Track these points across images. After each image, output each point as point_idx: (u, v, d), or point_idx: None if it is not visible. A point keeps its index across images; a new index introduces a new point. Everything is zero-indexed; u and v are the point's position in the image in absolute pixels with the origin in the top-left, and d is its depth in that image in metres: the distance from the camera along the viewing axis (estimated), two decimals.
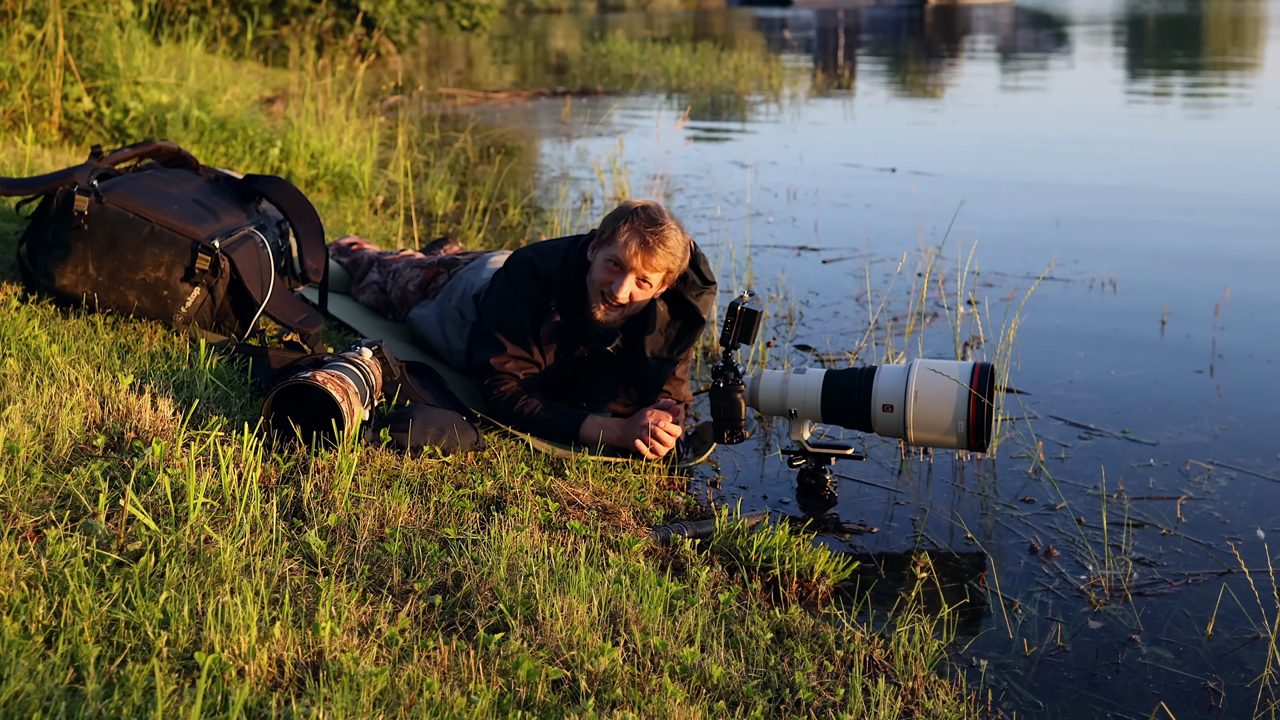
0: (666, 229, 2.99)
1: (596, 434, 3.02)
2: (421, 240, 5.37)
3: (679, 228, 3.04)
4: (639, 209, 3.02)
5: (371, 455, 2.63)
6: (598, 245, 3.06)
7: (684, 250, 3.04)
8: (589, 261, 3.09)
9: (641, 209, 3.02)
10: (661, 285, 3.07)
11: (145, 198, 3.10)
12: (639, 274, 3.00)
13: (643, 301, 3.07)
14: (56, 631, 1.73)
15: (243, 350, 3.01)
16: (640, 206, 3.03)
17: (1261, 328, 4.52)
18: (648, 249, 2.97)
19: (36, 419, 2.38)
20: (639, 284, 3.02)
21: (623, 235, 2.99)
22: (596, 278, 3.04)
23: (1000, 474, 3.22)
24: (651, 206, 3.03)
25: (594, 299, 3.05)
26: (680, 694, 1.89)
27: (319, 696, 1.67)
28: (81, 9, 6.36)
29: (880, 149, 9.30)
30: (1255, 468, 3.24)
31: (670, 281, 3.08)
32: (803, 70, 16.68)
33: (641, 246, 2.97)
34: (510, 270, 3.16)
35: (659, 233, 2.97)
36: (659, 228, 2.98)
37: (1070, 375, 3.98)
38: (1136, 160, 8.72)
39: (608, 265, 3.02)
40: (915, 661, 2.21)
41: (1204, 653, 2.38)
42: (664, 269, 3.01)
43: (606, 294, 3.02)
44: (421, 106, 10.93)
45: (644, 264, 2.98)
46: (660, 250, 2.98)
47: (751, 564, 2.55)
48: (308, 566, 2.08)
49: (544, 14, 39.07)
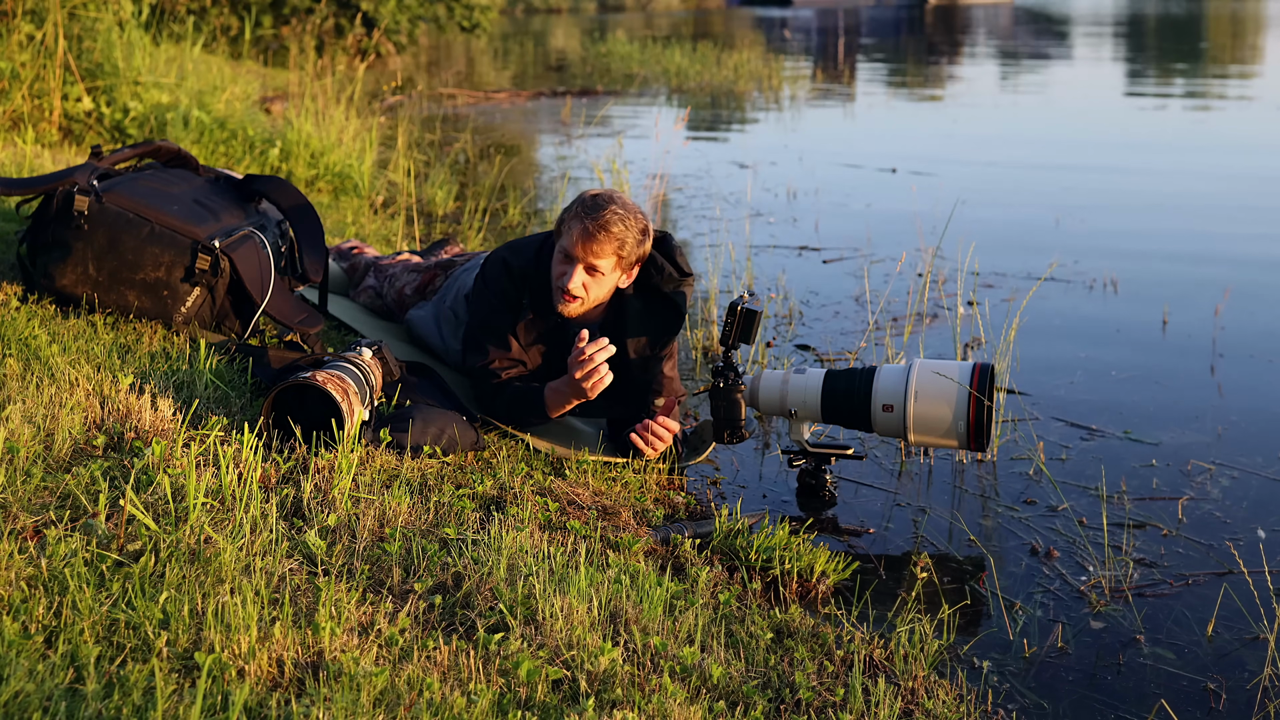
0: (609, 213, 2.91)
1: (558, 404, 2.98)
2: (422, 241, 5.37)
3: (628, 211, 2.95)
4: (588, 198, 2.97)
5: (371, 455, 2.63)
6: (556, 239, 3.05)
7: (636, 234, 2.96)
8: None
9: (591, 197, 2.96)
10: (620, 272, 3.00)
11: (145, 198, 3.10)
12: (585, 262, 2.94)
13: (605, 291, 3.02)
14: (56, 631, 1.73)
15: (243, 350, 3.01)
16: (591, 195, 2.98)
17: (1262, 327, 4.52)
18: (588, 236, 2.91)
19: (36, 419, 2.38)
20: (589, 272, 2.96)
21: (567, 224, 2.96)
22: (554, 272, 3.02)
23: (1001, 475, 3.21)
24: (602, 194, 2.97)
25: (555, 296, 3.03)
26: (680, 694, 1.89)
27: (319, 696, 1.67)
28: (81, 9, 6.36)
29: (880, 149, 9.30)
30: (1257, 467, 3.24)
31: (628, 267, 3.01)
32: (803, 70, 16.68)
33: (582, 234, 2.92)
34: (485, 271, 3.14)
35: (599, 218, 2.91)
36: (600, 213, 2.91)
37: (1071, 375, 3.98)
38: (1137, 160, 8.72)
39: (559, 256, 2.99)
40: (915, 661, 2.21)
41: (1204, 653, 2.38)
42: (611, 254, 2.94)
43: (560, 287, 2.99)
44: (421, 106, 10.93)
45: (587, 252, 2.93)
46: (601, 235, 2.91)
47: (751, 564, 2.55)
48: (308, 566, 2.08)
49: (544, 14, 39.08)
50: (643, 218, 3.00)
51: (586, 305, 3.02)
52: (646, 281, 3.08)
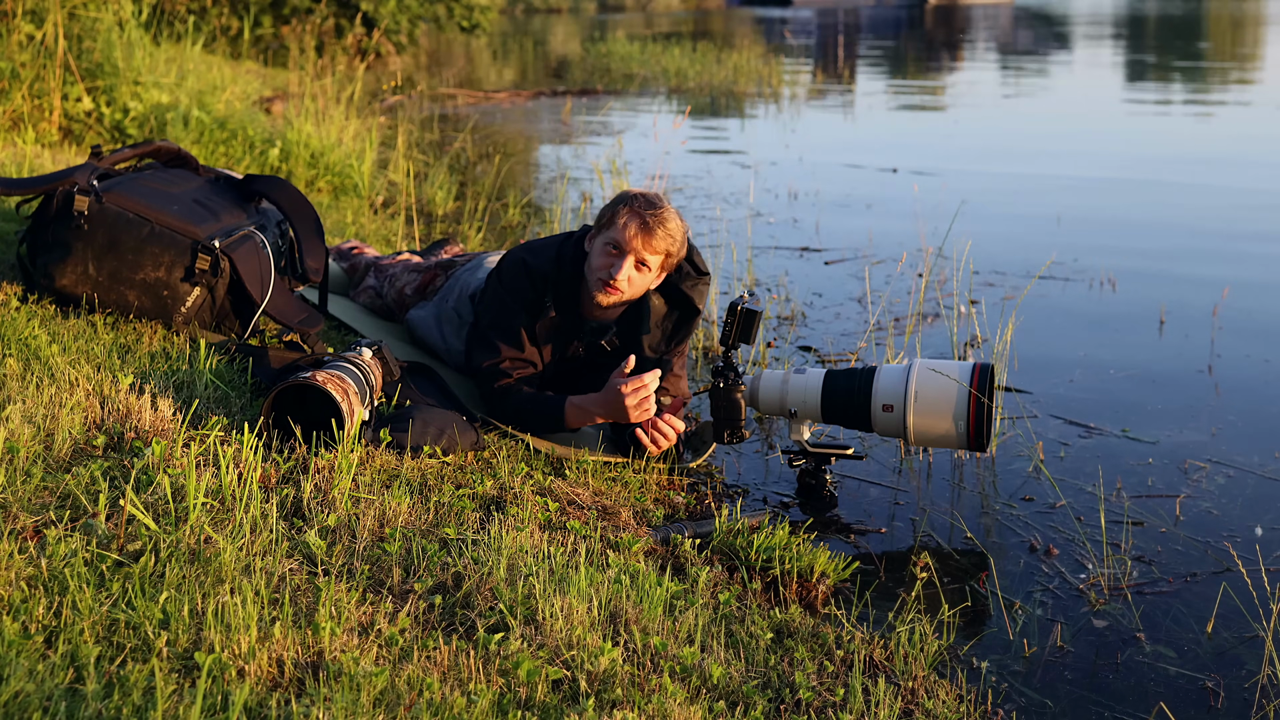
0: (666, 211, 2.99)
1: (581, 418, 3.00)
2: (422, 241, 5.37)
3: (677, 214, 3.05)
4: (638, 194, 3.02)
5: (371, 455, 2.63)
6: (596, 233, 3.06)
7: (683, 235, 3.04)
8: (586, 254, 3.08)
9: (640, 194, 3.02)
10: (659, 271, 3.05)
11: (145, 198, 3.10)
12: (639, 255, 2.98)
13: (641, 288, 3.06)
14: (56, 631, 1.73)
15: (243, 350, 3.01)
16: (639, 192, 3.04)
17: (1260, 327, 4.52)
18: (648, 230, 2.96)
19: (36, 419, 2.38)
20: (638, 267, 3.00)
21: (622, 218, 2.99)
22: (595, 263, 3.03)
23: (1000, 473, 3.22)
24: (650, 192, 3.04)
25: (593, 286, 3.04)
26: (680, 694, 1.89)
27: (319, 696, 1.67)
28: (81, 9, 6.36)
29: (881, 149, 9.31)
30: (1253, 466, 3.24)
31: (669, 268, 3.07)
32: (803, 70, 16.67)
33: (641, 228, 2.96)
34: (502, 270, 3.15)
35: (659, 214, 2.97)
36: (658, 210, 2.98)
37: (1070, 374, 3.98)
38: (1137, 159, 8.72)
39: (606, 249, 3.01)
40: (915, 661, 2.21)
41: (1203, 652, 2.38)
42: (663, 251, 3.00)
43: (605, 278, 3.01)
44: (421, 106, 10.93)
45: (644, 245, 2.97)
46: (660, 231, 2.97)
47: (751, 564, 2.55)
48: (308, 566, 2.08)
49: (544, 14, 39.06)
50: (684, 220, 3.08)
51: (624, 298, 3.05)
52: (666, 279, 3.11)
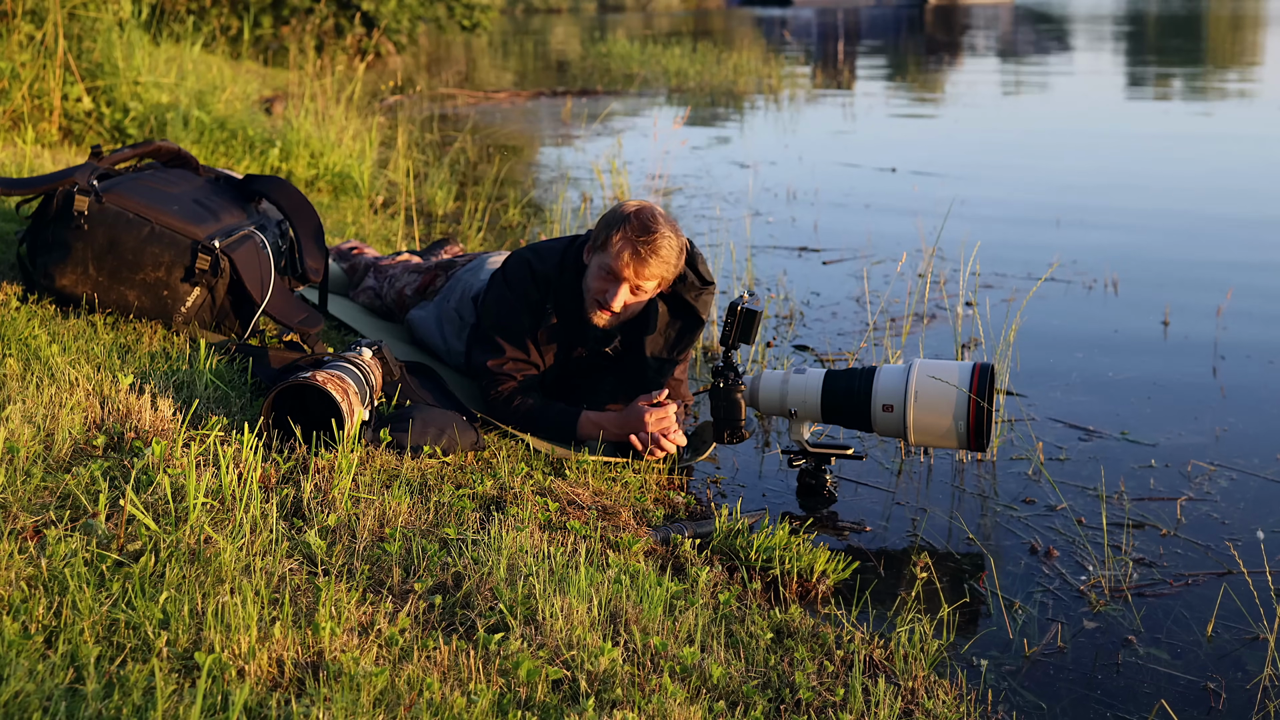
0: (659, 236, 2.94)
1: (594, 432, 3.02)
2: (422, 241, 5.37)
3: (673, 231, 3.00)
4: (632, 215, 2.97)
5: (371, 455, 2.63)
6: (593, 250, 3.04)
7: (678, 256, 3.01)
8: (585, 264, 3.08)
9: (635, 215, 2.97)
10: (655, 290, 3.06)
11: (145, 198, 3.10)
12: (632, 283, 2.98)
13: (638, 307, 3.07)
14: (56, 631, 1.73)
15: (243, 350, 3.01)
16: (634, 212, 2.98)
17: (1263, 328, 4.52)
18: (640, 259, 2.94)
19: (36, 419, 2.38)
20: (633, 291, 3.01)
21: (615, 244, 2.96)
22: (591, 285, 3.03)
23: (1000, 474, 3.22)
24: (645, 211, 2.99)
25: (590, 306, 3.05)
26: (680, 694, 1.89)
27: (319, 696, 1.67)
28: (81, 9, 6.36)
29: (880, 149, 9.31)
30: (1255, 468, 3.24)
31: (665, 286, 3.07)
32: (802, 70, 16.67)
33: (634, 257, 2.94)
34: (507, 272, 3.15)
35: (651, 242, 2.94)
36: (651, 236, 2.94)
37: (1070, 376, 3.98)
38: (1138, 159, 8.72)
39: (601, 273, 3.00)
40: (915, 661, 2.21)
41: (1204, 653, 2.38)
42: (657, 277, 3.00)
43: (601, 302, 3.01)
44: (421, 106, 10.93)
45: (636, 274, 2.96)
46: (653, 260, 2.95)
47: (751, 564, 2.55)
48: (308, 566, 2.08)
49: (544, 14, 39.06)
50: (683, 236, 3.05)
51: (620, 320, 3.07)
52: (670, 287, 3.10)
